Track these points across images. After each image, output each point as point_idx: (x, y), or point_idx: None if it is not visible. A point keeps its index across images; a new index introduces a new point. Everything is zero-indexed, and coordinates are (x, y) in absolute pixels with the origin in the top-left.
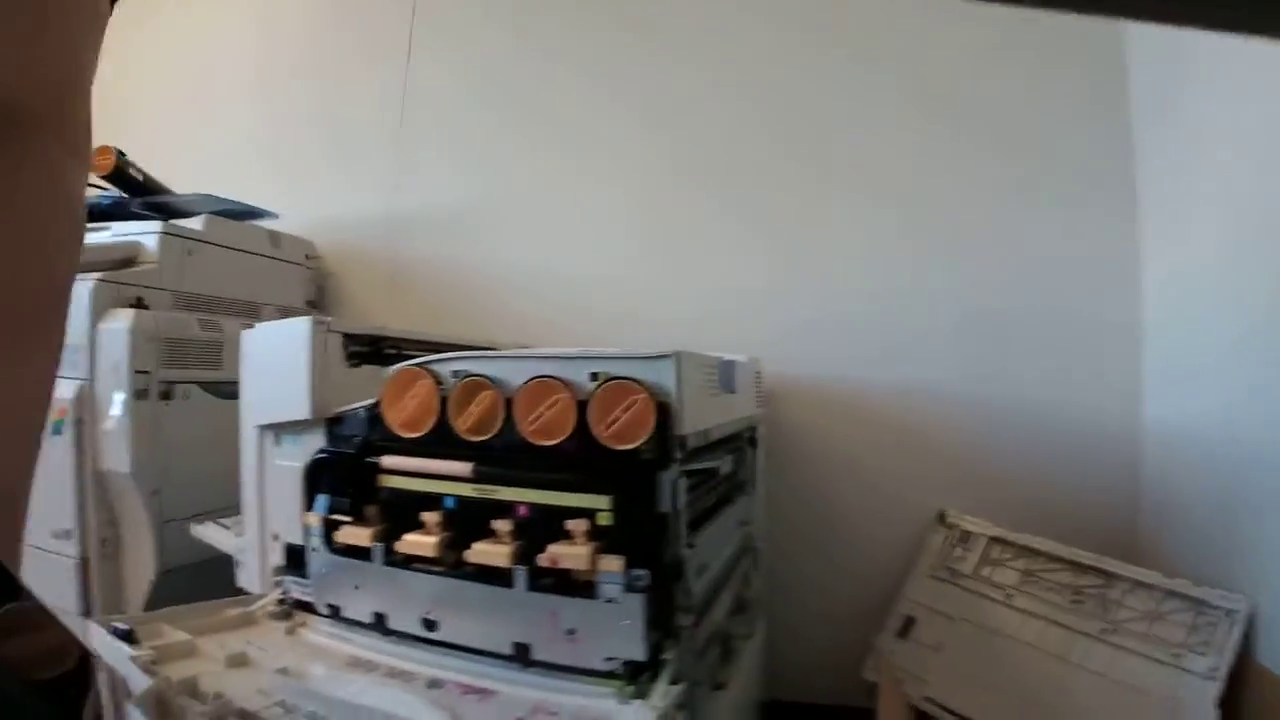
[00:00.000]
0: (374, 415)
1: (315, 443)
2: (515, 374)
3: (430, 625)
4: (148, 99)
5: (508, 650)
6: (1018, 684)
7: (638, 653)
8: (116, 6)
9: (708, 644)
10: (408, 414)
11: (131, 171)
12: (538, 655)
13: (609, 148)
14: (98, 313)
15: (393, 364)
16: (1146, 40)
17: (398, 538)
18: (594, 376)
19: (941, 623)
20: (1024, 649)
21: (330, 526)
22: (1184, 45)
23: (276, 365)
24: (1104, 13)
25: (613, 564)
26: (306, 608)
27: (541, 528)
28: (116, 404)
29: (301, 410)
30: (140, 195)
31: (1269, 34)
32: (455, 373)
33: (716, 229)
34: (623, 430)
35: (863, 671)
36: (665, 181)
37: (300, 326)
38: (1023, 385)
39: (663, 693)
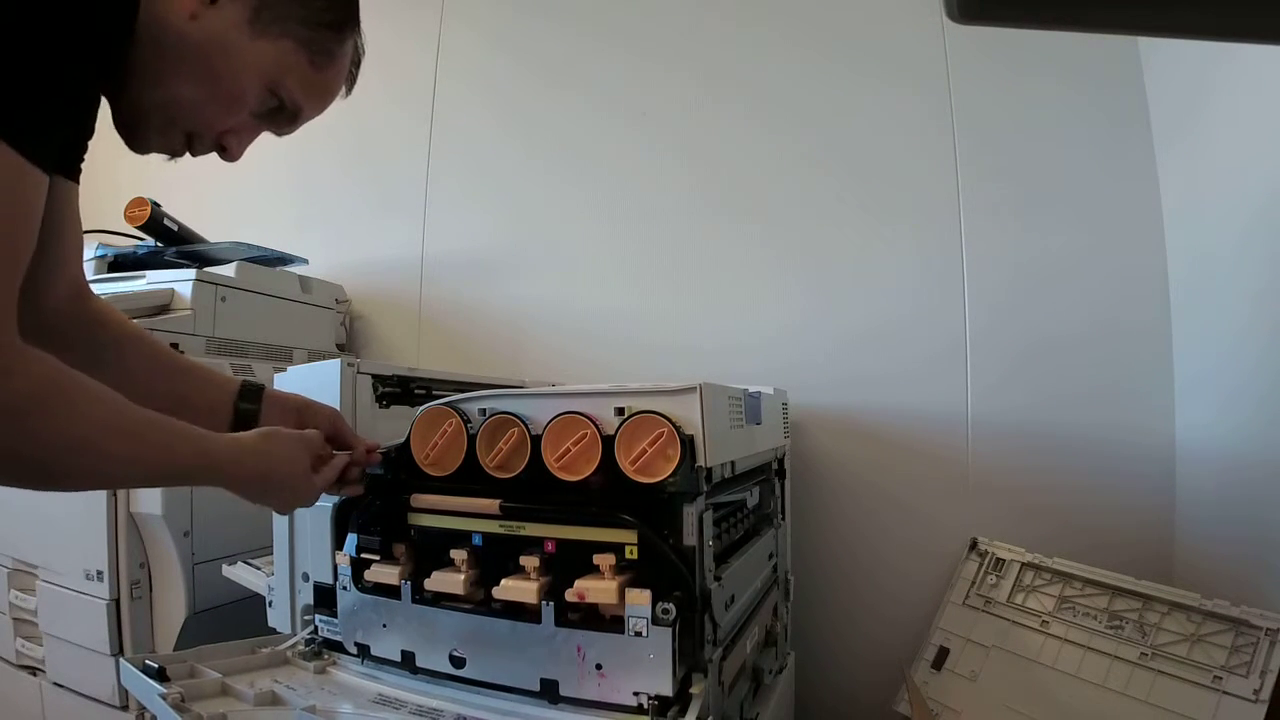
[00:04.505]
0: (403, 454)
1: None
2: (541, 411)
3: (458, 663)
4: None
5: (535, 687)
6: (1055, 713)
7: (666, 687)
8: None
9: (737, 678)
10: (436, 452)
11: (166, 222)
12: (565, 691)
13: (634, 182)
14: None
15: (421, 404)
16: (1163, 57)
17: (426, 575)
18: (619, 411)
19: (976, 652)
20: (1061, 677)
21: (359, 565)
22: (1201, 59)
23: None
24: (1116, 30)
25: (640, 598)
26: (336, 647)
27: (569, 563)
28: None
29: None
30: (174, 244)
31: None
32: (482, 411)
33: (742, 260)
34: (648, 464)
35: (895, 704)
36: (689, 214)
37: (331, 369)
38: (1054, 407)
39: None
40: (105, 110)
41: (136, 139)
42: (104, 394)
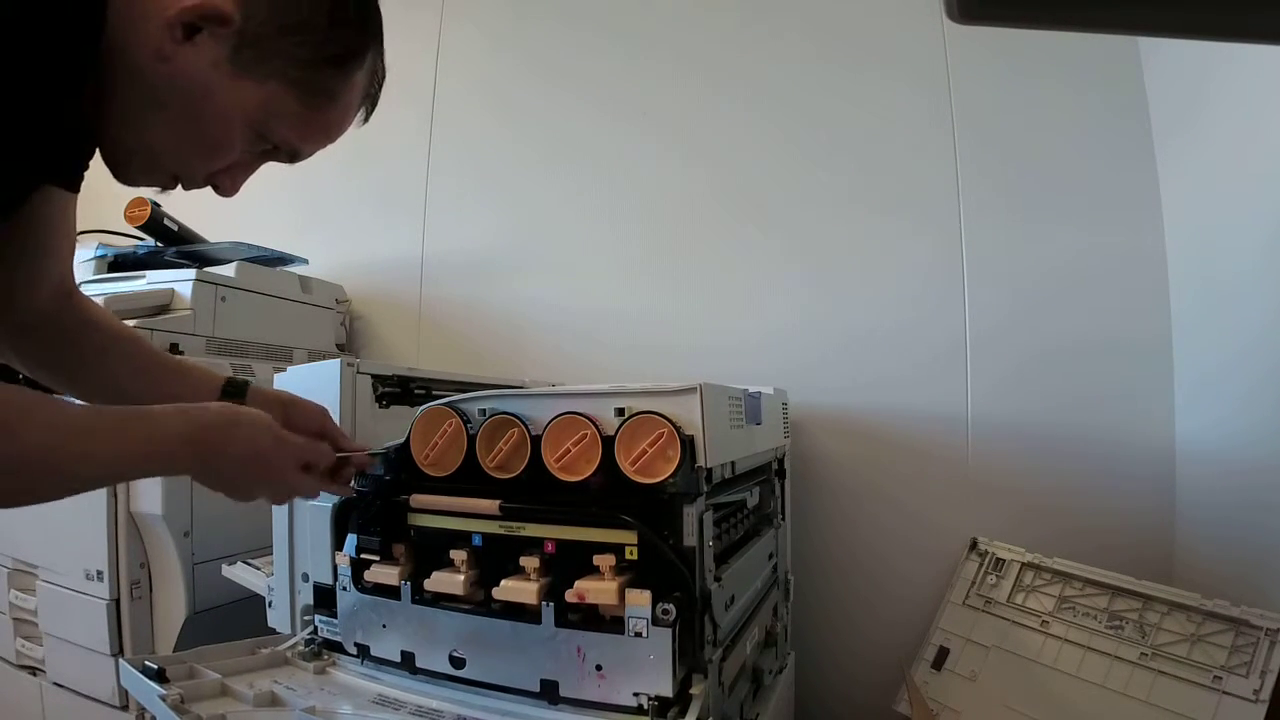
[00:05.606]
0: (403, 454)
1: None
2: (541, 411)
3: (458, 663)
4: None
5: (535, 687)
6: (1056, 713)
7: (665, 688)
8: None
9: (737, 678)
10: (436, 453)
11: (166, 222)
12: (565, 692)
13: (635, 182)
14: None
15: (421, 404)
16: (1162, 56)
17: (426, 576)
18: (619, 412)
19: (976, 652)
20: (1061, 677)
21: (359, 566)
22: (1200, 59)
23: None
24: (1116, 30)
25: (640, 598)
26: (335, 647)
27: (568, 563)
28: None
29: None
30: (174, 244)
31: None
32: (482, 411)
33: (742, 259)
34: (648, 464)
35: (895, 704)
36: (690, 213)
37: (331, 369)
38: (1054, 408)
39: None
40: None
41: (120, 176)
42: (44, 399)
